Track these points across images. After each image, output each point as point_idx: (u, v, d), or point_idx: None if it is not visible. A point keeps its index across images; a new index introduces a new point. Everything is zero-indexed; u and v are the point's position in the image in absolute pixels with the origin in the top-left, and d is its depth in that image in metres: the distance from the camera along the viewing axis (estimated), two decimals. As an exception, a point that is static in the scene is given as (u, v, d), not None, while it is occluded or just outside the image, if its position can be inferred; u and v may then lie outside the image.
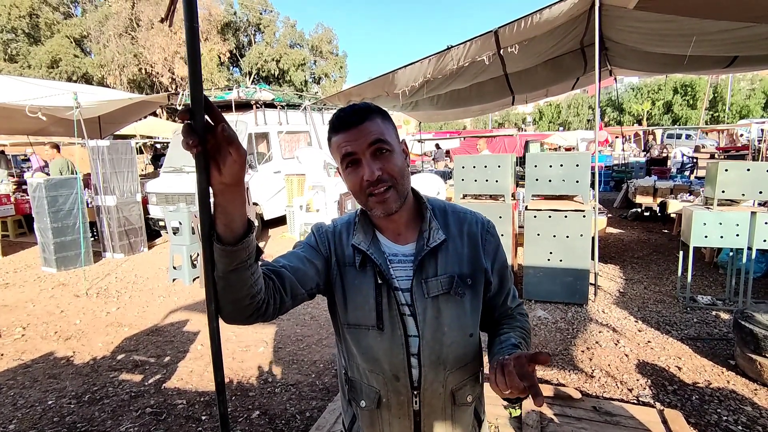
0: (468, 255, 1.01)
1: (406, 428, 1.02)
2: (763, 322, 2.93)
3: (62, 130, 8.42)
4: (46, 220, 6.11)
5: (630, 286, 4.87)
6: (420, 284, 0.97)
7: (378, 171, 0.90)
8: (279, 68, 29.49)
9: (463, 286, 0.98)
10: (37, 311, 4.77)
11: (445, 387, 1.00)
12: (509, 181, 4.53)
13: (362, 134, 0.91)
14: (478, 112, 10.43)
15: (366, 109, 0.93)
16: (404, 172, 0.95)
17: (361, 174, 0.92)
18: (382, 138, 0.92)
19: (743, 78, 33.16)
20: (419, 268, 0.97)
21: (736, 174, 3.96)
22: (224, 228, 0.74)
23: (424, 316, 0.96)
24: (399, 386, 0.98)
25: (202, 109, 0.68)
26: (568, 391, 2.68)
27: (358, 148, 0.91)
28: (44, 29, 23.82)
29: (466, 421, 1.05)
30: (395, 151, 0.94)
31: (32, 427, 2.75)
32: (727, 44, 4.84)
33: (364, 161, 0.91)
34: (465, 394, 1.03)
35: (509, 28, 4.66)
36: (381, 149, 0.91)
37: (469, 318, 1.00)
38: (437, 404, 1.00)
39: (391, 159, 0.93)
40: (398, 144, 0.97)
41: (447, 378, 0.99)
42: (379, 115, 0.95)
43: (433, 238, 0.98)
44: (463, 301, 0.99)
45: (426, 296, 0.96)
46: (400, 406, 1.00)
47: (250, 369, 3.43)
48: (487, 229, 1.06)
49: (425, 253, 0.97)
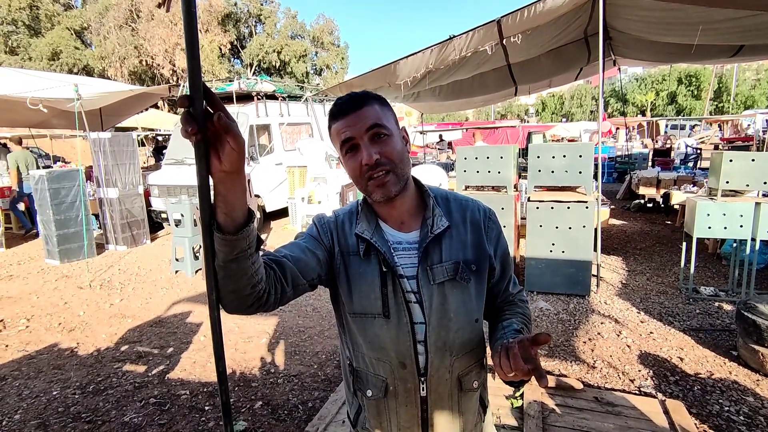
0: (472, 241, 1.02)
1: (413, 416, 1.02)
2: (766, 312, 2.92)
3: (63, 122, 8.40)
4: (48, 212, 6.12)
5: (632, 278, 4.86)
6: (425, 271, 0.97)
7: (376, 155, 0.91)
8: (280, 60, 29.32)
9: (468, 272, 0.99)
10: (41, 303, 4.80)
11: (452, 373, 1.00)
12: (512, 172, 4.50)
13: (360, 119, 0.92)
14: (481, 103, 10.37)
15: (364, 96, 0.95)
16: (403, 156, 0.95)
17: (359, 159, 0.92)
18: (379, 123, 0.92)
19: (749, 68, 32.82)
20: (424, 255, 0.97)
21: (740, 164, 3.93)
22: (224, 217, 0.73)
23: (431, 303, 0.96)
24: (406, 374, 0.99)
25: (202, 96, 0.67)
26: (570, 381, 2.69)
27: (357, 133, 0.92)
28: (44, 21, 23.73)
29: (472, 407, 1.06)
30: (393, 135, 0.95)
31: (37, 417, 2.78)
32: (733, 33, 4.77)
33: (362, 146, 0.92)
34: (471, 379, 1.04)
35: (512, 17, 4.60)
36: (379, 134, 0.92)
37: (474, 303, 1.01)
38: (444, 391, 1.01)
39: (390, 143, 0.93)
40: (397, 129, 0.97)
41: (453, 364, 1.00)
42: (377, 101, 0.96)
43: (437, 225, 0.99)
44: (468, 287, 0.99)
45: (432, 283, 0.97)
46: (407, 394, 1.00)
47: (252, 360, 3.45)
48: (489, 216, 1.07)
49: (430, 239, 0.97)
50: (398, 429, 1.03)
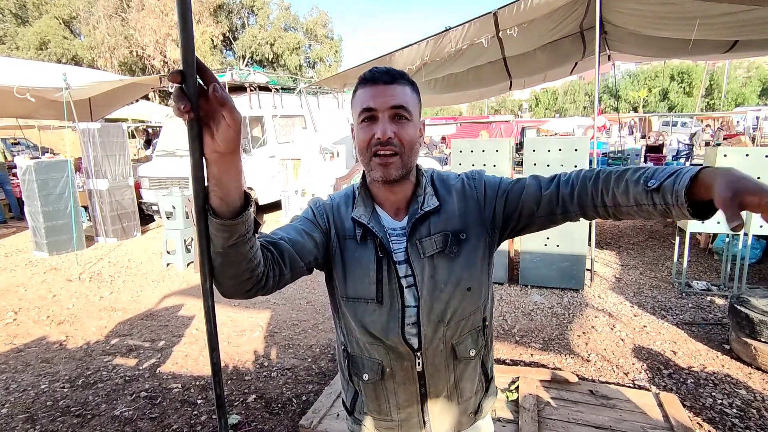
0: (459, 210, 1.00)
1: (412, 393, 1.02)
2: (758, 306, 2.94)
3: (52, 112, 8.23)
4: (36, 203, 6.01)
5: (626, 272, 4.88)
6: (414, 245, 0.96)
7: (391, 133, 0.90)
8: (273, 52, 28.98)
9: (457, 243, 0.97)
10: (29, 296, 4.72)
11: (446, 343, 0.99)
12: (507, 165, 4.49)
13: (388, 94, 0.91)
14: (476, 96, 10.35)
15: (399, 74, 0.94)
16: (414, 145, 0.95)
17: (373, 131, 0.91)
18: (404, 105, 0.91)
19: (739, 65, 33.08)
20: (412, 231, 0.97)
21: (734, 159, 3.93)
22: (219, 201, 0.70)
23: (423, 277, 0.96)
24: (401, 352, 0.98)
25: (195, 72, 0.63)
26: (565, 375, 2.68)
27: (380, 106, 0.91)
28: (32, 10, 23.23)
29: (470, 375, 1.05)
30: (413, 122, 0.94)
31: (25, 411, 2.73)
32: (729, 28, 4.78)
33: (380, 120, 0.91)
34: (467, 348, 1.02)
35: (509, 9, 4.57)
36: (400, 115, 0.91)
37: (466, 272, 0.98)
38: (440, 362, 1.00)
39: (407, 128, 0.92)
40: (418, 119, 0.97)
41: (446, 333, 0.99)
42: (410, 85, 0.95)
43: (428, 203, 0.98)
44: (458, 257, 0.97)
45: (422, 256, 0.96)
46: (404, 372, 1.00)
47: (245, 353, 3.42)
48: (472, 176, 1.04)
49: (419, 216, 0.97)
50: (397, 408, 1.03)
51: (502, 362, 3.08)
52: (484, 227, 1.00)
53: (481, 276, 1.01)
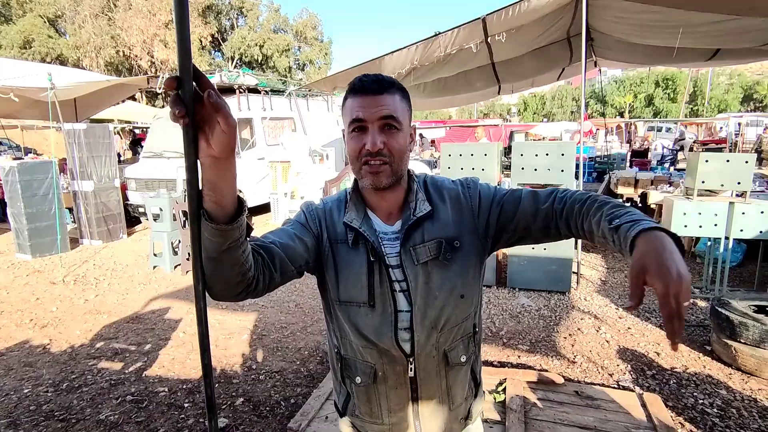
0: (453, 218, 1.01)
1: (404, 398, 1.03)
2: (738, 308, 3.01)
3: (36, 112, 8.12)
4: (19, 205, 5.91)
5: (611, 275, 4.96)
6: (408, 252, 0.97)
7: (381, 144, 0.91)
8: (262, 54, 28.85)
9: (451, 250, 0.98)
10: (11, 298, 4.63)
11: (438, 349, 1.00)
12: (496, 170, 4.54)
13: (377, 104, 0.91)
14: (465, 100, 10.43)
15: (389, 82, 0.94)
16: (404, 154, 0.96)
17: (363, 141, 0.92)
18: (394, 115, 0.92)
19: (722, 73, 33.86)
20: (406, 237, 0.97)
21: (715, 165, 4.04)
22: (213, 205, 0.71)
23: (416, 284, 0.96)
24: (394, 356, 0.99)
25: (191, 78, 0.64)
26: (551, 376, 2.72)
27: (369, 117, 0.91)
28: (16, 7, 22.80)
29: (461, 381, 1.06)
30: (403, 130, 0.95)
31: (7, 416, 2.68)
32: (712, 36, 4.90)
33: (370, 130, 0.92)
34: (458, 354, 1.03)
35: (497, 15, 4.64)
36: (390, 125, 0.92)
37: (459, 280, 0.99)
38: (431, 368, 1.01)
39: (397, 137, 0.93)
40: (408, 126, 0.98)
41: (439, 340, 1.00)
42: (400, 92, 0.96)
43: (420, 208, 0.99)
44: (452, 264, 0.98)
45: (416, 263, 0.97)
46: (396, 377, 1.01)
47: (233, 356, 3.40)
48: (467, 185, 1.05)
49: (412, 222, 0.97)
50: (389, 412, 1.04)
51: (489, 364, 3.11)
52: (477, 235, 1.01)
53: (474, 283, 1.02)
